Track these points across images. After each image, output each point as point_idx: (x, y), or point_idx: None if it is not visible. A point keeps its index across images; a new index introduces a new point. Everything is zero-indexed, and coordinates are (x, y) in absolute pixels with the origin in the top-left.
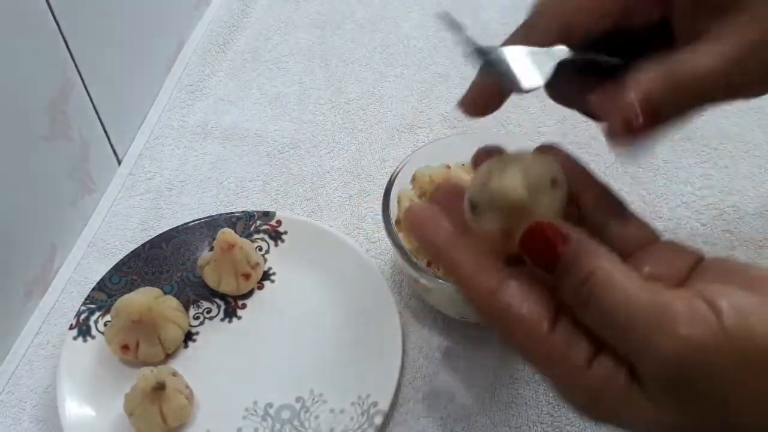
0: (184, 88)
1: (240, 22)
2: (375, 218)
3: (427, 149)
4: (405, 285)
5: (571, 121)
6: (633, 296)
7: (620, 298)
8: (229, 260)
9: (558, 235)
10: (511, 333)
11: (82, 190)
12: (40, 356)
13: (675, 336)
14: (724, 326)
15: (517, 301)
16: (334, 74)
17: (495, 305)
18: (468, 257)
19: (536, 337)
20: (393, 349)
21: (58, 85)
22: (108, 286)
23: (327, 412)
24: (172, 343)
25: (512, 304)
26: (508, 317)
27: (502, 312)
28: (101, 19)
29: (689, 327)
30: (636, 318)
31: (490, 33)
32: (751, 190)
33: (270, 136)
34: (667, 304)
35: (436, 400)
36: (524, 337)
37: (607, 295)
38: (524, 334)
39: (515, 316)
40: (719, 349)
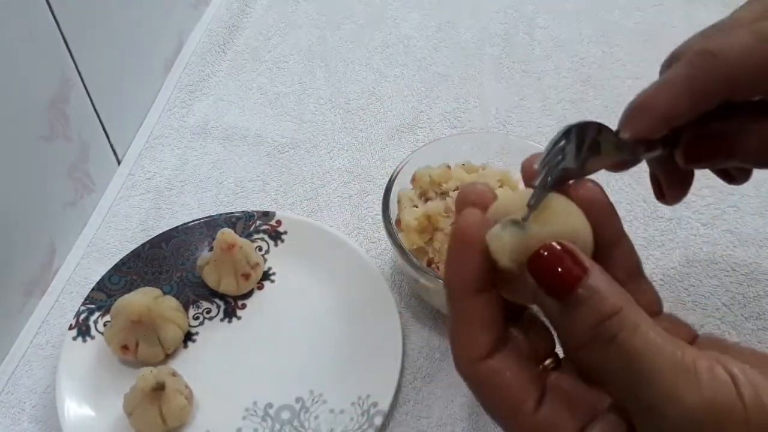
0: (183, 88)
1: (240, 22)
2: (375, 218)
3: (427, 149)
4: (405, 285)
5: (571, 121)
6: (660, 345)
7: (647, 343)
8: (229, 260)
9: (577, 262)
10: (493, 403)
11: (82, 190)
12: (40, 356)
13: (699, 396)
14: (743, 396)
15: (506, 370)
16: (334, 74)
17: (481, 369)
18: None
19: (521, 411)
20: (393, 349)
21: (58, 85)
22: (107, 286)
23: (327, 413)
24: (171, 343)
25: (500, 372)
26: (494, 384)
27: (487, 377)
28: (101, 19)
29: (713, 390)
30: (661, 369)
31: (490, 33)
32: (751, 190)
33: (270, 136)
34: (691, 362)
35: (436, 400)
36: (506, 410)
37: (634, 337)
38: (507, 406)
39: (501, 385)
40: (736, 418)
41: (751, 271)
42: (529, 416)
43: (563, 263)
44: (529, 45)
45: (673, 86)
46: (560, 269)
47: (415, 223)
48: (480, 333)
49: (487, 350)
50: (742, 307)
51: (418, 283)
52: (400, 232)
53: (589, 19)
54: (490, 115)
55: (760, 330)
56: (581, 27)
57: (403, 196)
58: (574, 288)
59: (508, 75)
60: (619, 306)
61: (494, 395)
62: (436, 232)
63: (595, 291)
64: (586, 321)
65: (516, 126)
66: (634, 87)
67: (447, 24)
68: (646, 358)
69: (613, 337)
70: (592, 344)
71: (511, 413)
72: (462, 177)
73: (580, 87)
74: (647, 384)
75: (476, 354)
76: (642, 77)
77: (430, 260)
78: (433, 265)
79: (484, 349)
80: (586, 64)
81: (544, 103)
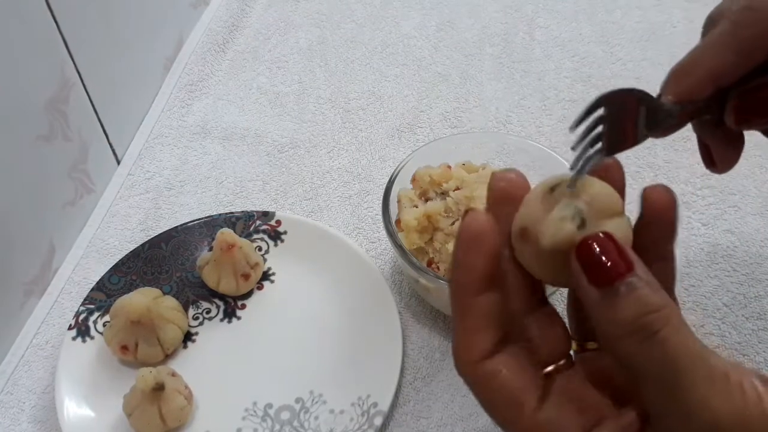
0: (183, 88)
1: (240, 22)
2: (375, 218)
3: (427, 149)
4: (405, 285)
5: (571, 121)
6: (699, 351)
7: (687, 346)
8: (229, 260)
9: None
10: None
11: (82, 190)
12: (39, 357)
13: (731, 406)
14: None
15: (506, 371)
16: (334, 74)
17: (480, 370)
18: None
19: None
20: (393, 350)
21: (58, 85)
22: (107, 286)
23: (327, 413)
24: (171, 343)
25: (499, 373)
26: (493, 385)
27: (486, 378)
28: (101, 19)
29: (743, 402)
30: (697, 374)
31: (490, 33)
32: (751, 190)
33: (270, 136)
34: (725, 373)
35: (436, 400)
36: (507, 411)
37: (676, 337)
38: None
39: (500, 387)
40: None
41: (752, 272)
42: (530, 417)
43: (611, 254)
44: (529, 45)
45: (716, 44)
46: (608, 260)
47: (415, 223)
48: (481, 333)
49: (487, 351)
50: (743, 308)
51: (418, 283)
52: (400, 232)
53: (589, 19)
54: (490, 114)
55: (761, 330)
56: (581, 27)
57: (403, 196)
58: (623, 277)
59: (508, 75)
60: (665, 303)
61: (494, 397)
62: (436, 232)
63: (645, 283)
64: (631, 311)
65: (516, 126)
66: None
67: (447, 24)
68: (684, 360)
69: (656, 332)
70: (634, 336)
71: (512, 415)
72: (462, 177)
73: (580, 87)
74: (682, 387)
75: (476, 355)
76: (642, 77)
77: (430, 260)
78: (433, 265)
79: (485, 349)
80: (586, 64)
81: (544, 103)
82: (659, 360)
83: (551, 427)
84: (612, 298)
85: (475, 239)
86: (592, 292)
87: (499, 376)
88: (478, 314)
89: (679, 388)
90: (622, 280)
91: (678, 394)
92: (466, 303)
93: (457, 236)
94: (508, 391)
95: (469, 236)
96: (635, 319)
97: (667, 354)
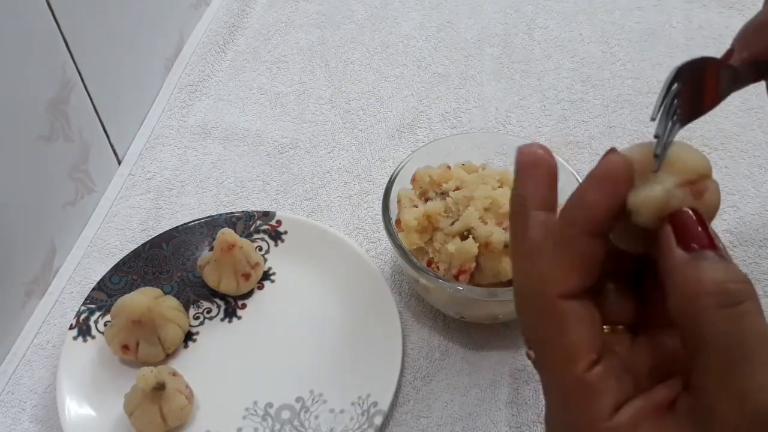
0: (184, 88)
1: (240, 22)
2: (375, 218)
3: (427, 149)
4: (405, 285)
5: (571, 121)
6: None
7: (763, 326)
8: (229, 260)
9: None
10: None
11: (82, 190)
12: (40, 356)
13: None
14: None
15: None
16: (334, 74)
17: (563, 306)
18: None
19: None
20: (393, 349)
21: (58, 85)
22: (108, 286)
23: (327, 412)
24: (172, 343)
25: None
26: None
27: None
28: (101, 19)
29: None
30: (765, 356)
31: (490, 33)
32: (751, 190)
33: (270, 136)
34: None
35: (436, 400)
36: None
37: (755, 315)
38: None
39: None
40: None
41: (751, 271)
42: (580, 373)
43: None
44: (529, 45)
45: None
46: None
47: (415, 223)
48: (576, 273)
49: (572, 292)
50: None
51: (418, 283)
52: (400, 232)
53: (589, 19)
54: (489, 115)
55: None
56: (581, 27)
57: (403, 196)
58: (711, 247)
59: (508, 75)
60: (749, 280)
61: (555, 339)
62: (436, 232)
63: (730, 259)
64: (720, 275)
65: (515, 126)
66: (634, 87)
67: (447, 24)
68: (757, 340)
69: (740, 303)
70: (715, 298)
71: (563, 366)
72: (462, 177)
73: (580, 87)
74: (746, 365)
75: (565, 290)
76: (642, 77)
77: (430, 260)
78: (433, 265)
79: (570, 290)
80: (586, 64)
81: (544, 103)
82: (732, 331)
83: (594, 387)
84: (701, 261)
85: (612, 180)
86: (678, 254)
87: (572, 320)
88: (582, 254)
89: (743, 365)
90: (710, 249)
91: (738, 372)
92: (576, 239)
93: (594, 171)
94: (573, 340)
95: (607, 175)
96: (723, 281)
97: (743, 327)
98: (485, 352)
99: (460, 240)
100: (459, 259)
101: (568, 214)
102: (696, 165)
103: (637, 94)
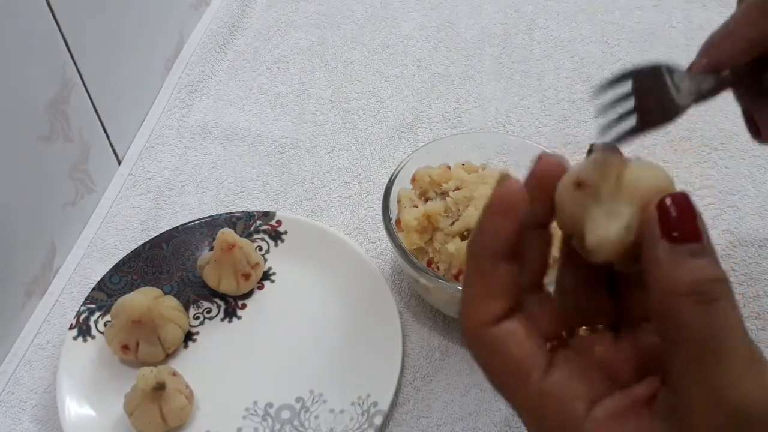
0: (184, 88)
1: (240, 22)
2: (375, 218)
3: (427, 149)
4: (405, 285)
5: (571, 121)
6: (744, 333)
7: (737, 324)
8: (229, 260)
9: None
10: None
11: (82, 190)
12: (40, 356)
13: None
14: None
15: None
16: (334, 74)
17: (490, 334)
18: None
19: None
20: (393, 349)
21: (58, 85)
22: (108, 286)
23: (327, 412)
24: (172, 343)
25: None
26: (500, 350)
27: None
28: (101, 19)
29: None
30: (738, 354)
31: (490, 33)
32: (750, 190)
33: (270, 136)
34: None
35: (436, 400)
36: (512, 377)
37: (731, 312)
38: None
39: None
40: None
41: (751, 271)
42: (536, 384)
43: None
44: (529, 45)
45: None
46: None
47: (415, 223)
48: (495, 300)
49: (498, 316)
50: (742, 307)
51: (418, 283)
52: (400, 232)
53: (589, 19)
54: (489, 115)
55: (760, 330)
56: (581, 27)
57: (403, 196)
58: (696, 240)
59: (508, 75)
60: (726, 278)
61: (500, 362)
62: (435, 232)
63: (712, 252)
64: (697, 272)
65: (515, 126)
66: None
67: (447, 24)
68: (731, 336)
69: (715, 300)
70: (692, 296)
71: (517, 381)
72: (462, 177)
73: (580, 87)
74: (720, 360)
75: (487, 318)
76: None
77: (430, 260)
78: (433, 265)
79: (495, 316)
80: (586, 64)
81: (544, 103)
82: (707, 327)
83: (558, 391)
84: (682, 255)
85: (508, 205)
86: (661, 246)
87: (508, 341)
88: (496, 281)
89: (717, 361)
90: (695, 242)
91: (713, 367)
92: (485, 268)
93: (490, 199)
94: (515, 358)
95: (503, 201)
96: (700, 280)
97: (718, 323)
98: None
99: (460, 240)
100: (459, 259)
101: (475, 242)
102: (654, 184)
103: None
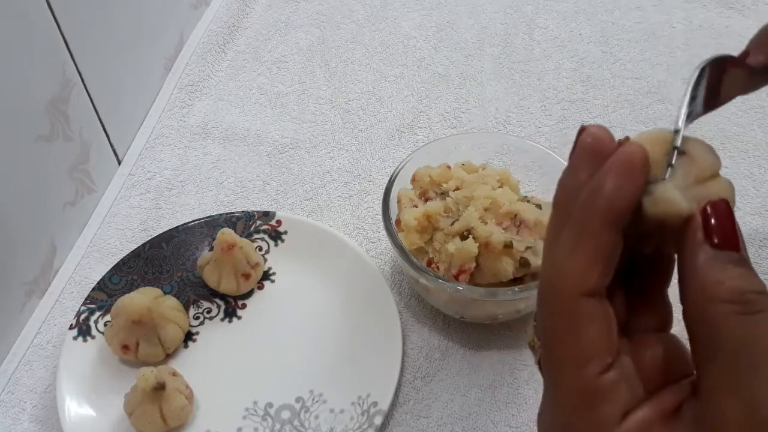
0: (184, 88)
1: (240, 22)
2: (375, 218)
3: (427, 149)
4: (405, 285)
5: (571, 121)
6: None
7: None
8: (229, 260)
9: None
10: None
11: (82, 190)
12: (40, 356)
13: None
14: None
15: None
16: (334, 74)
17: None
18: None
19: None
20: (393, 349)
21: (58, 85)
22: (108, 286)
23: (327, 412)
24: (172, 343)
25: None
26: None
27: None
28: (101, 19)
29: None
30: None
31: (490, 33)
32: (750, 190)
33: (270, 136)
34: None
35: (436, 400)
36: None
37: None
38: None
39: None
40: None
41: None
42: (591, 377)
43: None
44: (529, 45)
45: None
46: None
47: (415, 223)
48: (598, 269)
49: (595, 288)
50: None
51: (418, 283)
52: (400, 232)
53: (589, 19)
54: (489, 115)
55: None
56: (581, 27)
57: (403, 196)
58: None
59: (508, 75)
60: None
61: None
62: (436, 232)
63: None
64: (741, 282)
65: (515, 126)
66: (634, 87)
67: (447, 24)
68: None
69: (759, 311)
70: (735, 305)
71: (577, 363)
72: (462, 177)
73: (580, 87)
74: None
75: (586, 288)
76: (642, 77)
77: (430, 260)
78: (433, 265)
79: (596, 287)
80: (586, 64)
81: (544, 103)
82: (748, 338)
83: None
84: (725, 262)
85: (635, 168)
86: (704, 250)
87: (594, 322)
88: (603, 248)
89: (756, 373)
90: (735, 251)
91: (751, 379)
92: (599, 231)
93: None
94: (586, 342)
95: (630, 164)
96: (743, 290)
97: (759, 336)
98: (485, 352)
99: (460, 240)
100: (459, 259)
101: (586, 204)
102: (711, 163)
103: (637, 94)
